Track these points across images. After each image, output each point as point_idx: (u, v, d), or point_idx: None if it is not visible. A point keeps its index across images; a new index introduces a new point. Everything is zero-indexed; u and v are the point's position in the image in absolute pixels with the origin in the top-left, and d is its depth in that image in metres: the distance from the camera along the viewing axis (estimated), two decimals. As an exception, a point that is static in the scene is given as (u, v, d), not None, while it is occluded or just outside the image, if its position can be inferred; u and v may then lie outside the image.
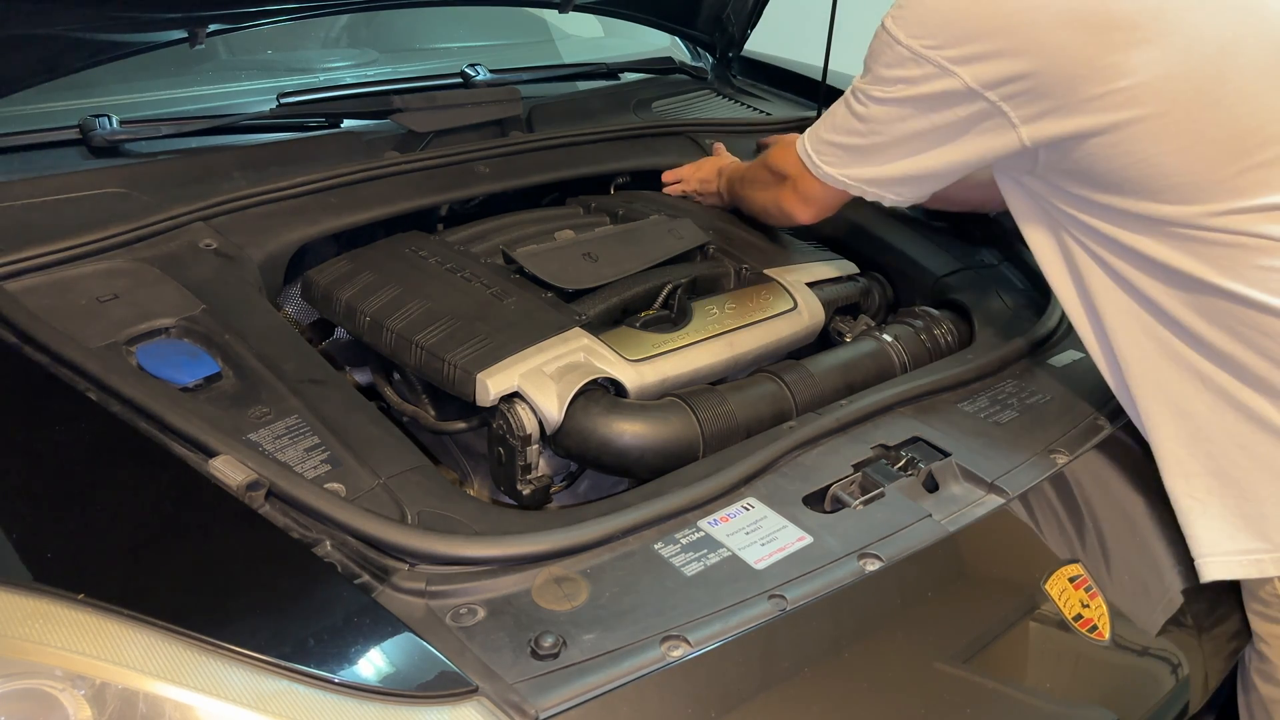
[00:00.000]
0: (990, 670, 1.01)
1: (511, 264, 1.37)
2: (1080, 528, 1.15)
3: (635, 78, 2.13)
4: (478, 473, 1.36)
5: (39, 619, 0.77)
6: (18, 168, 1.39)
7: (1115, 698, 1.07)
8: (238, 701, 0.76)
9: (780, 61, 2.30)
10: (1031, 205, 1.22)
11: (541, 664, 0.83)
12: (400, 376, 1.34)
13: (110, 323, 1.14)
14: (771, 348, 1.37)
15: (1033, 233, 1.24)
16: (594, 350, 1.22)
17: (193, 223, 1.32)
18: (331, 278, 1.34)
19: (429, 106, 1.68)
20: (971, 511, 1.08)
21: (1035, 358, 1.37)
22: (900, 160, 1.21)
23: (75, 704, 0.74)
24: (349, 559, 0.90)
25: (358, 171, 1.50)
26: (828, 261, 1.56)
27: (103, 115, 1.48)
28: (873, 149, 1.22)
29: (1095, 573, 1.11)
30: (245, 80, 1.86)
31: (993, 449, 1.17)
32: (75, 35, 1.39)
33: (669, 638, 0.87)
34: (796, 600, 0.93)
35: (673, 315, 1.34)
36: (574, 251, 1.39)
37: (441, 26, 2.29)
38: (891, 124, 1.18)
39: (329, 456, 1.01)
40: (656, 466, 1.15)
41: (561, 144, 1.73)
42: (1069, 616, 1.06)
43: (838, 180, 1.28)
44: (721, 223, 1.62)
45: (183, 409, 1.00)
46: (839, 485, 1.09)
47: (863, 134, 1.22)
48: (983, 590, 1.08)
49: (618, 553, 0.96)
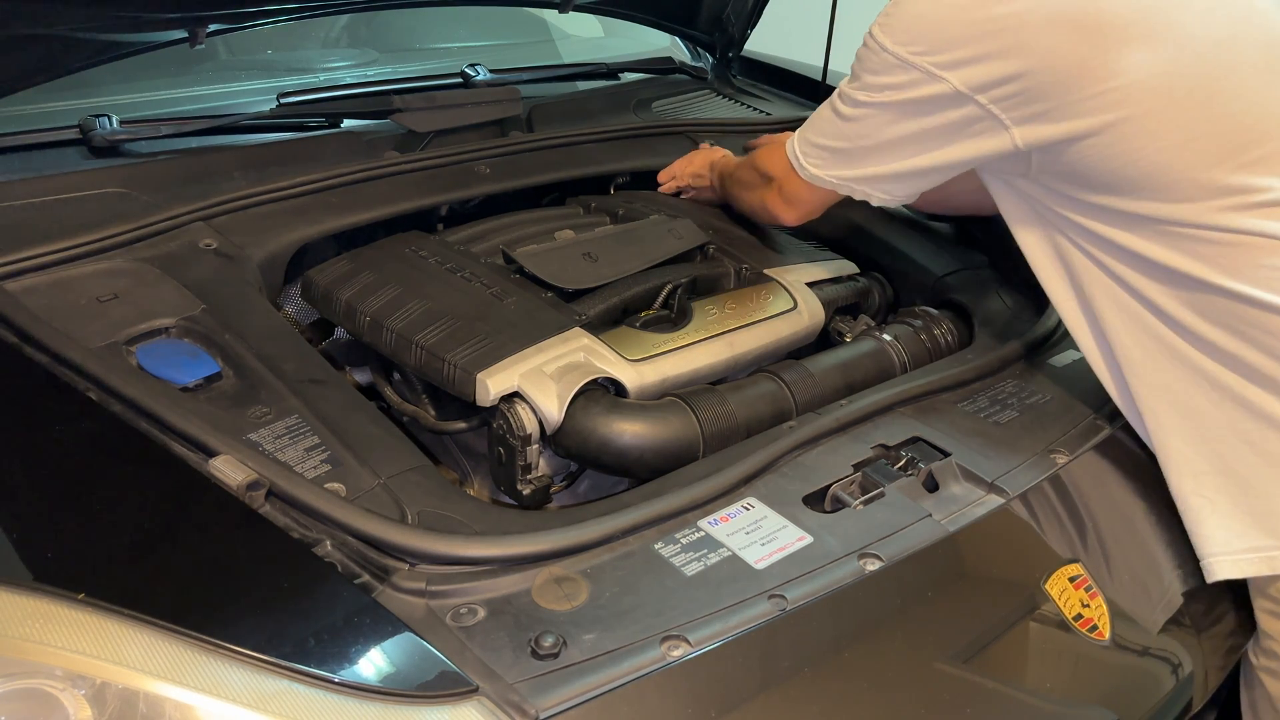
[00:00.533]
0: (990, 670, 1.01)
1: (511, 264, 1.37)
2: (1080, 527, 1.15)
3: (635, 78, 2.13)
4: (478, 473, 1.36)
5: (39, 619, 0.77)
6: (18, 168, 1.39)
7: (1116, 697, 1.07)
8: (238, 701, 0.76)
9: (780, 61, 2.30)
10: (1024, 209, 1.22)
11: (541, 664, 0.83)
12: (400, 376, 1.34)
13: (110, 322, 1.14)
14: (771, 348, 1.37)
15: (1026, 236, 1.24)
16: (594, 350, 1.22)
17: (193, 223, 1.32)
18: (331, 277, 1.34)
19: (429, 106, 1.68)
20: (971, 511, 1.08)
21: (1035, 358, 1.37)
22: (889, 163, 1.21)
23: (75, 704, 0.74)
24: (349, 559, 0.90)
25: (358, 171, 1.50)
26: (828, 261, 1.57)
27: (103, 115, 1.48)
28: (859, 151, 1.22)
29: (1095, 572, 1.11)
30: (245, 80, 1.86)
31: (993, 449, 1.17)
32: (75, 35, 1.39)
33: (669, 638, 0.87)
34: (796, 600, 0.93)
35: (673, 315, 1.34)
36: (574, 251, 1.39)
37: (441, 26, 2.29)
38: (880, 128, 1.18)
39: (329, 456, 1.01)
40: (656, 466, 1.15)
41: (561, 144, 1.73)
42: (1069, 616, 1.06)
43: (824, 180, 1.28)
44: (721, 223, 1.62)
45: (183, 409, 1.00)
46: (839, 485, 1.09)
47: (849, 138, 1.22)
48: (983, 590, 1.08)
49: (618, 553, 0.96)
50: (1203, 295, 1.07)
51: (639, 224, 1.52)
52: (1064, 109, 1.06)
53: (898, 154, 1.20)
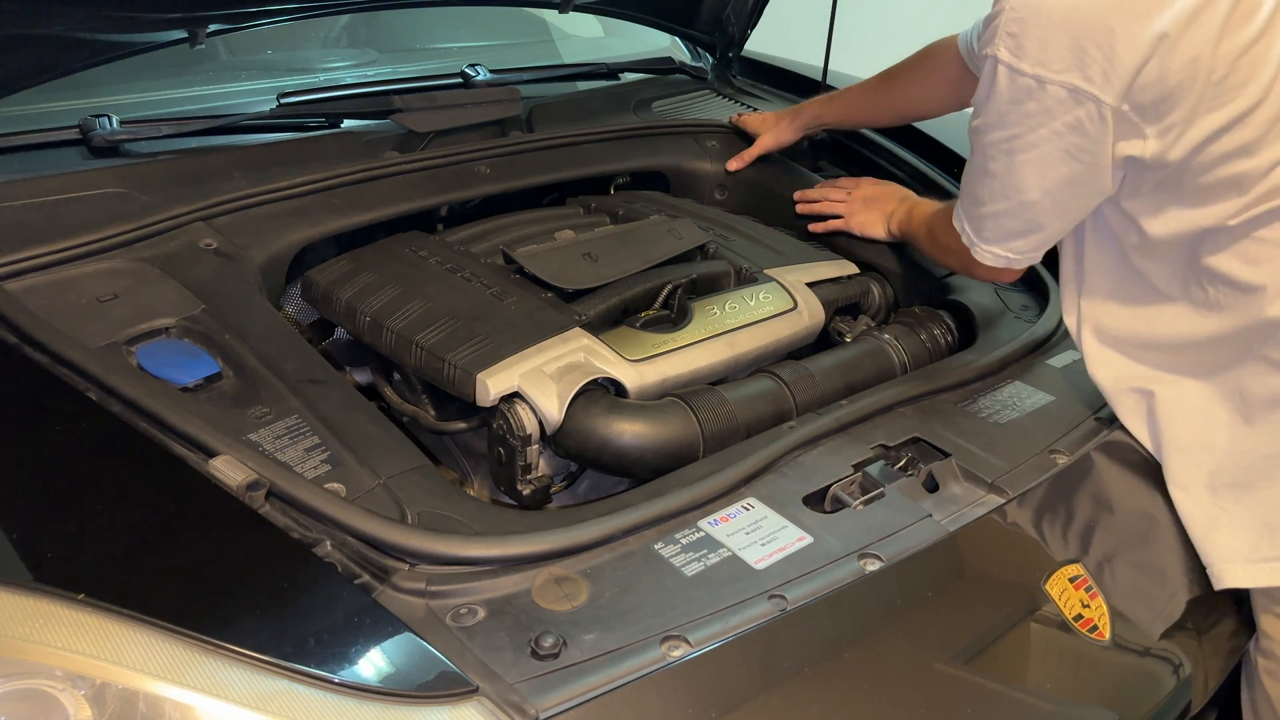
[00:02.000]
0: (990, 671, 1.01)
1: (511, 264, 1.37)
2: (1080, 528, 1.15)
3: (635, 78, 2.13)
4: (478, 473, 1.36)
5: (39, 619, 0.77)
6: (18, 168, 1.39)
7: (1116, 698, 1.07)
8: (238, 701, 0.75)
9: (780, 61, 2.30)
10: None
11: (541, 664, 0.83)
12: (400, 376, 1.34)
13: (110, 323, 1.14)
14: (771, 348, 1.37)
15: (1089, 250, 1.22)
16: (594, 350, 1.22)
17: (193, 223, 1.32)
18: (332, 278, 1.34)
19: (429, 106, 1.68)
20: (971, 511, 1.08)
21: (1035, 358, 1.37)
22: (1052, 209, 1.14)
23: (75, 704, 0.74)
24: (349, 559, 0.91)
25: (358, 172, 1.50)
26: (828, 261, 1.56)
27: (103, 115, 1.48)
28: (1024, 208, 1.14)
29: (1095, 573, 1.11)
30: (245, 80, 1.86)
31: (993, 449, 1.17)
32: (75, 35, 1.39)
33: (669, 638, 0.87)
34: (796, 600, 0.93)
35: (673, 315, 1.34)
36: (574, 251, 1.39)
37: (441, 26, 2.29)
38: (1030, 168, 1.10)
39: (329, 456, 1.01)
40: (656, 466, 1.15)
41: (562, 144, 1.73)
42: (1069, 617, 1.06)
43: (1005, 259, 1.21)
44: (721, 223, 1.62)
45: (183, 409, 1.00)
46: (839, 485, 1.09)
47: (1007, 195, 1.14)
48: (983, 590, 1.08)
49: (618, 553, 0.96)
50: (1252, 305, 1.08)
51: (639, 224, 1.52)
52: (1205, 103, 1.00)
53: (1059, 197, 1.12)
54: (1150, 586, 1.17)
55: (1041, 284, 1.53)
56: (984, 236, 1.21)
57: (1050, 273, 1.50)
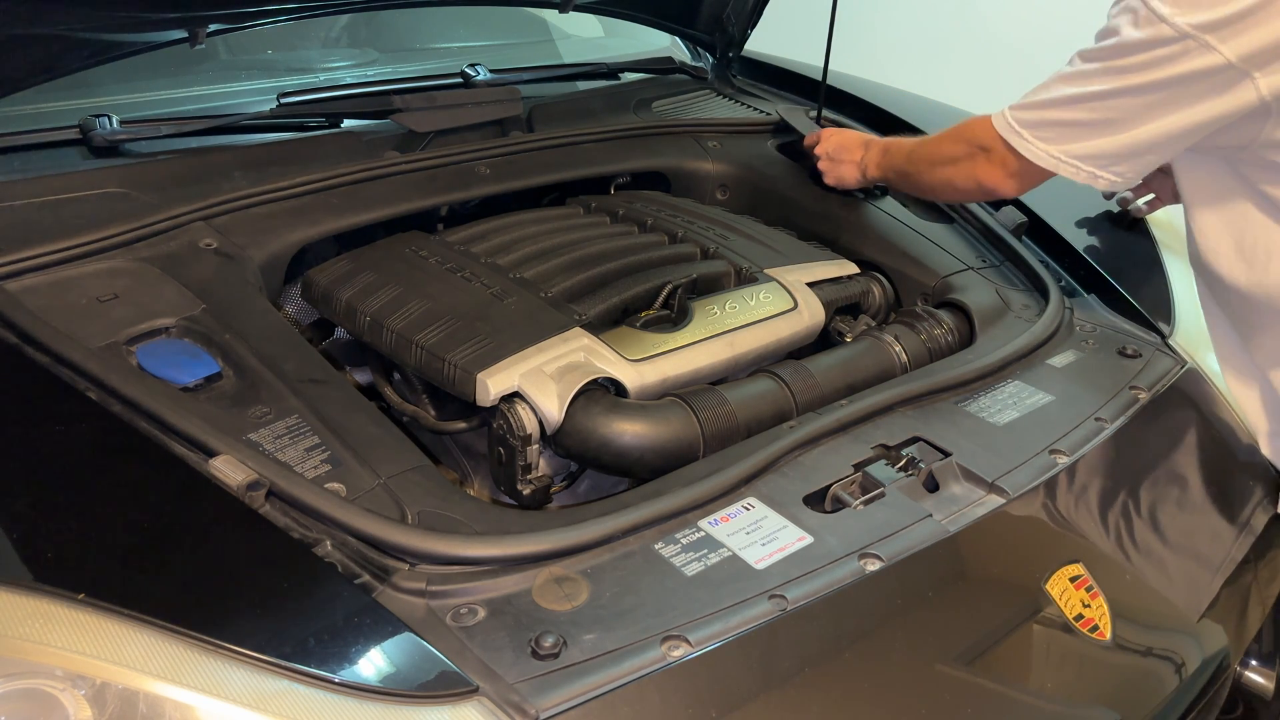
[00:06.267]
0: (991, 671, 1.01)
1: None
2: (1081, 528, 1.15)
3: (635, 78, 2.13)
4: (478, 473, 1.36)
5: (39, 619, 0.77)
6: (18, 168, 1.39)
7: (1117, 698, 1.07)
8: (238, 701, 0.76)
9: (780, 61, 2.30)
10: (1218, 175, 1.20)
11: (542, 664, 0.83)
12: (400, 376, 1.34)
13: (110, 322, 1.14)
14: (771, 348, 1.37)
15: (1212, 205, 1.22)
16: (594, 350, 1.22)
17: (193, 223, 1.33)
18: (332, 277, 1.34)
19: (429, 106, 1.68)
20: (972, 511, 1.08)
21: (1035, 358, 1.37)
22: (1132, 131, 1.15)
23: (75, 704, 0.74)
24: (349, 559, 0.90)
25: (358, 171, 1.50)
26: (828, 261, 1.56)
27: (103, 115, 1.48)
28: (1103, 124, 1.16)
29: (1096, 572, 1.11)
30: (245, 80, 1.86)
31: (993, 449, 1.17)
32: (75, 35, 1.39)
33: (669, 638, 0.87)
34: (797, 600, 0.93)
35: (673, 315, 1.34)
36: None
37: (441, 26, 2.29)
38: (1131, 97, 1.12)
39: (329, 456, 1.01)
40: (656, 466, 1.14)
41: (562, 144, 1.73)
42: (1070, 617, 1.06)
43: (1051, 158, 1.22)
44: (722, 222, 1.62)
45: (183, 409, 1.00)
46: (839, 485, 1.09)
47: (1093, 109, 1.16)
48: (983, 590, 1.08)
49: (618, 553, 0.96)
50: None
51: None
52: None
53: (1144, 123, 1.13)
54: (1151, 586, 1.17)
55: (1042, 284, 1.53)
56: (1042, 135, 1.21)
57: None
